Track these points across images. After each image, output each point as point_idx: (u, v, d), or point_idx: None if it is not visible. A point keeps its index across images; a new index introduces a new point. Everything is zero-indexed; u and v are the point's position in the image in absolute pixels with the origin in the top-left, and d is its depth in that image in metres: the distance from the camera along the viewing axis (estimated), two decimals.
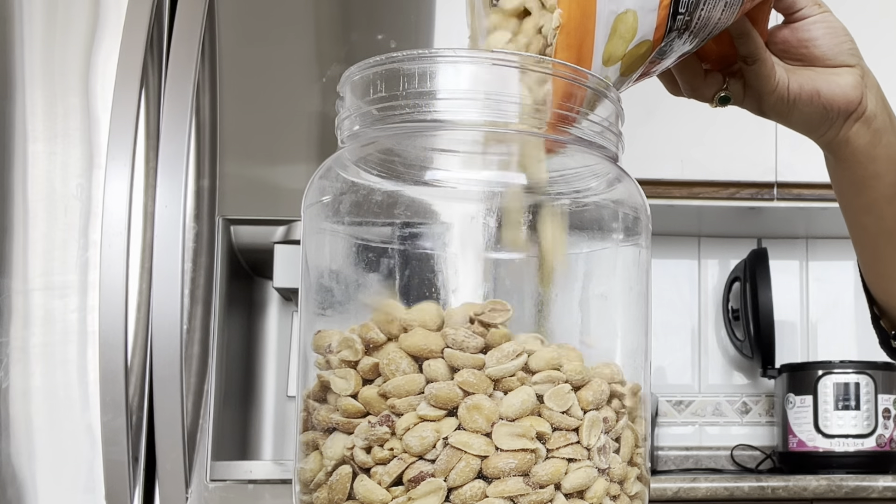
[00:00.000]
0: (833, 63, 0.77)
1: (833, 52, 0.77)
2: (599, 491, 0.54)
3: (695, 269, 2.89)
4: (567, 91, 0.57)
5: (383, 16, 1.76)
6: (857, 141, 0.79)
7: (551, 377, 0.53)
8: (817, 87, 0.77)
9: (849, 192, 0.83)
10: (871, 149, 0.79)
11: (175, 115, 1.60)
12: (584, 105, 0.58)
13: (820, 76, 0.77)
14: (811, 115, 0.78)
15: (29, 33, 1.66)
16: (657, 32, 0.65)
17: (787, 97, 0.76)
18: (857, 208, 0.84)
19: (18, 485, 1.59)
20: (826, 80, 0.77)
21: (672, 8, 0.65)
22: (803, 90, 0.76)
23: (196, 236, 1.66)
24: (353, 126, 0.58)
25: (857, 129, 0.78)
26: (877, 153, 0.79)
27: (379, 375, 0.54)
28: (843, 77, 0.77)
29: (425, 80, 0.56)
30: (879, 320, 0.91)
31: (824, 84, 0.77)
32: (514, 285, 0.58)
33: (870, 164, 0.80)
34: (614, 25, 0.61)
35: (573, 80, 0.57)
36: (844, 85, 0.77)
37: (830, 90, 0.77)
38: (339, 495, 0.54)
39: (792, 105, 0.77)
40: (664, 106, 2.53)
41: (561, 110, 0.56)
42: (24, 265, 1.62)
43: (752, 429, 2.84)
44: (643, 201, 0.61)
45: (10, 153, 1.64)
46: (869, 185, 0.81)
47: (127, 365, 1.55)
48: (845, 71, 0.77)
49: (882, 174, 0.80)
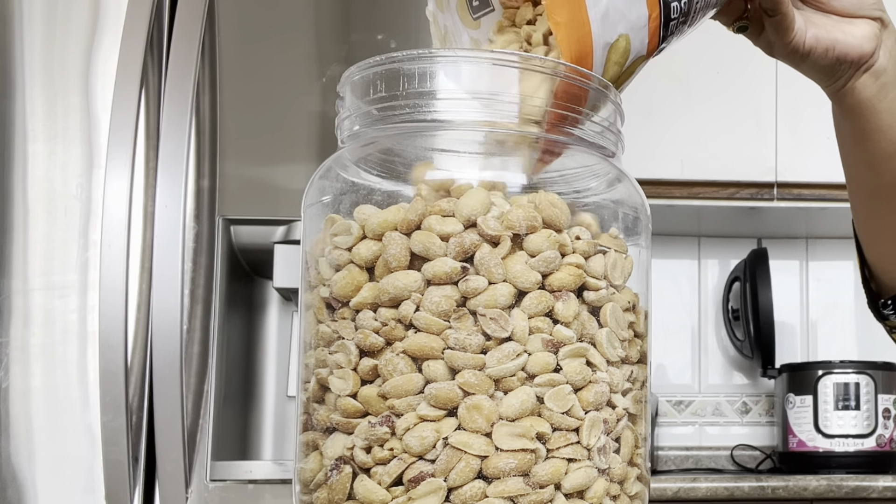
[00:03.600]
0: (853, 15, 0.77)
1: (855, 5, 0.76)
2: (599, 491, 0.54)
3: (695, 269, 2.89)
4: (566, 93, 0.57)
5: (383, 16, 1.76)
6: (863, 92, 0.78)
7: (552, 380, 0.53)
8: (833, 40, 0.76)
9: (849, 143, 0.83)
10: (876, 102, 0.79)
11: (175, 115, 1.60)
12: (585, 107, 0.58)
13: (837, 26, 0.76)
14: (822, 67, 0.77)
15: (29, 33, 1.66)
16: (650, 46, 0.65)
17: (802, 49, 0.76)
18: (855, 160, 0.84)
19: (18, 485, 1.59)
20: (842, 31, 0.76)
21: (662, 19, 0.65)
22: (819, 43, 0.76)
23: (196, 236, 1.66)
24: (353, 126, 0.59)
25: (864, 80, 0.78)
26: (881, 107, 0.79)
27: (378, 376, 0.54)
28: (861, 28, 0.77)
29: (425, 80, 0.56)
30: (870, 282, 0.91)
31: (840, 35, 0.76)
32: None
33: (872, 116, 0.79)
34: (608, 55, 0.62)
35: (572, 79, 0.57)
36: (860, 37, 0.76)
37: (846, 42, 0.76)
38: (339, 495, 0.54)
39: (805, 56, 0.76)
40: (664, 106, 2.53)
41: (560, 111, 0.57)
42: (24, 265, 1.62)
43: (752, 429, 2.84)
44: (643, 201, 0.61)
45: (10, 153, 1.64)
46: (870, 137, 0.81)
47: (127, 365, 1.55)
48: (863, 22, 0.77)
49: (884, 129, 0.80)
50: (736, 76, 2.53)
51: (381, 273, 0.54)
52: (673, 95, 2.53)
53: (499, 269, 0.53)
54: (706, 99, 2.54)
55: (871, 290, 0.91)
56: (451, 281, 0.53)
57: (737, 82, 2.53)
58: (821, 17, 0.77)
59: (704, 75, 2.53)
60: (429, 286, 0.53)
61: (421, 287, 0.53)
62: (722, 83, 2.54)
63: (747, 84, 2.54)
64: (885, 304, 0.89)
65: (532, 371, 0.53)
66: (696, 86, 2.54)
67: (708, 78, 2.54)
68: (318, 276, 0.57)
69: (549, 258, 0.54)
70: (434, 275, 0.53)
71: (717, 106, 2.54)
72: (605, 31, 0.61)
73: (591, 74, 0.59)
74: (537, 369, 0.53)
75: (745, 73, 2.53)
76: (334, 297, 0.55)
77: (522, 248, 0.54)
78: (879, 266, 0.89)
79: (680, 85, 2.53)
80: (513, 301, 0.53)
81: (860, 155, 0.83)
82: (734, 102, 2.54)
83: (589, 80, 0.58)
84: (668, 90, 2.53)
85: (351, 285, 0.55)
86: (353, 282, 0.55)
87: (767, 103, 2.54)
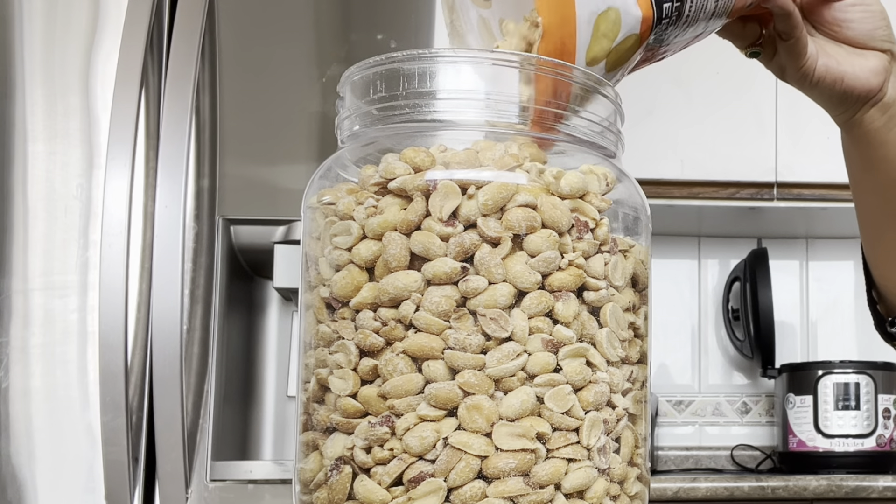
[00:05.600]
0: (864, 46, 0.78)
1: (866, 37, 0.77)
2: (599, 491, 0.54)
3: (695, 269, 2.89)
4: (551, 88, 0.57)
5: (383, 16, 1.76)
6: (871, 124, 0.79)
7: (552, 380, 0.53)
8: (842, 73, 0.77)
9: (857, 170, 0.84)
10: (884, 133, 0.80)
11: (175, 115, 1.60)
12: (573, 102, 0.58)
13: (846, 58, 0.77)
14: (830, 97, 0.78)
15: (29, 33, 1.66)
16: (643, 25, 0.64)
17: (812, 77, 0.77)
18: (863, 187, 0.85)
19: (18, 485, 1.59)
20: (851, 64, 0.77)
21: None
22: (828, 73, 0.76)
23: (196, 236, 1.66)
24: (353, 126, 0.59)
25: (871, 114, 0.79)
26: (888, 138, 0.80)
27: (378, 376, 0.54)
28: (870, 61, 0.77)
29: (425, 80, 0.56)
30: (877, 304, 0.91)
31: (849, 68, 0.77)
32: None
33: (880, 147, 0.80)
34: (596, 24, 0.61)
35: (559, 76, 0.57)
36: (868, 70, 0.77)
37: (854, 76, 0.77)
38: (339, 495, 0.54)
39: (814, 84, 0.77)
40: (664, 106, 2.53)
41: (547, 108, 0.56)
42: (24, 265, 1.62)
43: (752, 429, 2.84)
44: (643, 201, 0.61)
45: (10, 153, 1.64)
46: (877, 166, 0.81)
47: (127, 365, 1.55)
48: (873, 55, 0.78)
49: (891, 158, 0.80)
50: (736, 76, 2.53)
51: (381, 273, 0.54)
52: (673, 95, 2.53)
53: (499, 269, 0.53)
54: (706, 99, 2.54)
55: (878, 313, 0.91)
56: (451, 281, 0.53)
57: (737, 82, 2.53)
58: (833, 46, 0.78)
59: (704, 75, 2.53)
60: (429, 286, 0.53)
61: (421, 287, 0.53)
62: (722, 83, 2.54)
63: (747, 84, 2.54)
64: (893, 322, 0.90)
65: (532, 371, 0.53)
66: (697, 86, 2.54)
67: (708, 78, 2.54)
68: (318, 276, 0.57)
69: (549, 258, 0.54)
70: (434, 275, 0.53)
71: (717, 106, 2.54)
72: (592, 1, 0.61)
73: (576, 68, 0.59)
74: (537, 369, 0.53)
75: (745, 73, 2.53)
76: (334, 297, 0.55)
77: (522, 248, 0.54)
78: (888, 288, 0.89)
79: (680, 85, 2.53)
80: (513, 301, 0.53)
81: (869, 183, 0.83)
82: (734, 102, 2.54)
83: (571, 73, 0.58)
84: (668, 90, 2.53)
85: (351, 285, 0.55)
86: (353, 282, 0.55)
87: (767, 103, 2.54)
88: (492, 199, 0.53)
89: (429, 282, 0.53)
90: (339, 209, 0.56)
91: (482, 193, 0.53)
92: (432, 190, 0.54)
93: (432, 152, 0.55)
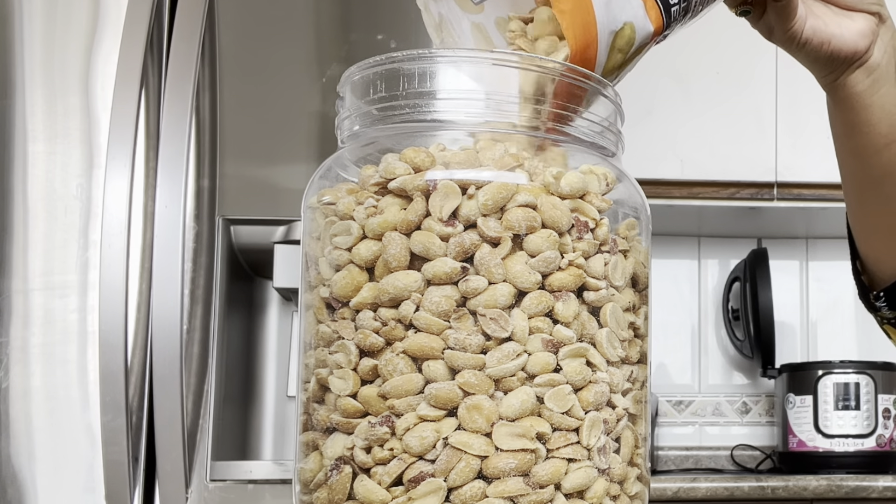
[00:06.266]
0: (853, 7, 0.78)
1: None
2: (599, 491, 0.54)
3: (695, 269, 2.89)
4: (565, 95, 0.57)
5: (383, 16, 1.76)
6: (854, 87, 0.79)
7: (552, 380, 0.53)
8: (829, 35, 0.77)
9: (841, 134, 0.84)
10: (867, 96, 0.80)
11: (175, 115, 1.60)
12: (583, 105, 0.58)
13: (834, 20, 0.77)
14: (816, 59, 0.78)
15: (29, 33, 1.66)
16: (654, 35, 0.65)
17: (799, 38, 0.77)
18: (846, 151, 0.85)
19: (18, 485, 1.59)
20: (839, 26, 0.77)
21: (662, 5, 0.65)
22: (815, 35, 0.76)
23: (196, 236, 1.66)
24: (353, 126, 0.59)
25: (856, 76, 0.79)
26: (872, 101, 0.80)
27: (378, 376, 0.54)
28: (857, 23, 0.77)
29: (425, 80, 0.56)
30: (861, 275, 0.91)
31: (836, 30, 0.77)
32: None
33: (863, 110, 0.80)
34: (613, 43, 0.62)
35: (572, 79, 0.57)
36: (856, 32, 0.77)
37: (841, 38, 0.77)
38: (339, 495, 0.54)
39: (801, 45, 0.77)
40: (664, 106, 2.53)
41: (560, 110, 0.57)
42: (24, 265, 1.62)
43: (752, 429, 2.84)
44: (643, 201, 0.61)
45: (10, 153, 1.64)
46: (860, 130, 0.81)
47: (127, 365, 1.55)
48: (861, 17, 0.78)
49: (874, 122, 0.81)
50: (736, 76, 2.53)
51: (381, 273, 0.54)
52: (673, 95, 2.53)
53: (499, 269, 0.53)
54: (706, 99, 2.54)
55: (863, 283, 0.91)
56: (451, 281, 0.53)
57: (737, 82, 2.53)
58: (822, 7, 0.77)
59: (704, 75, 2.53)
60: (429, 286, 0.53)
61: (421, 287, 0.53)
62: (722, 83, 2.54)
63: (747, 84, 2.54)
64: (877, 296, 0.90)
65: (532, 371, 0.53)
66: (696, 86, 2.54)
67: (708, 78, 2.54)
68: (318, 276, 0.57)
69: (549, 258, 0.54)
70: (434, 275, 0.53)
71: (717, 106, 2.54)
72: (610, 19, 0.61)
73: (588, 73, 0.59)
74: (537, 369, 0.53)
75: (745, 73, 2.53)
76: (334, 297, 0.55)
77: (522, 248, 0.54)
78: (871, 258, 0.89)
79: (680, 85, 2.53)
80: (513, 301, 0.53)
81: (851, 146, 0.83)
82: (734, 102, 2.54)
83: (588, 79, 0.58)
84: (668, 90, 2.52)
85: (351, 285, 0.55)
86: (353, 282, 0.55)
87: (767, 103, 2.54)
88: (492, 199, 0.53)
89: (429, 282, 0.53)
90: (339, 209, 0.56)
91: (482, 193, 0.53)
92: (432, 190, 0.54)
93: (432, 152, 0.55)
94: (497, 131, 0.56)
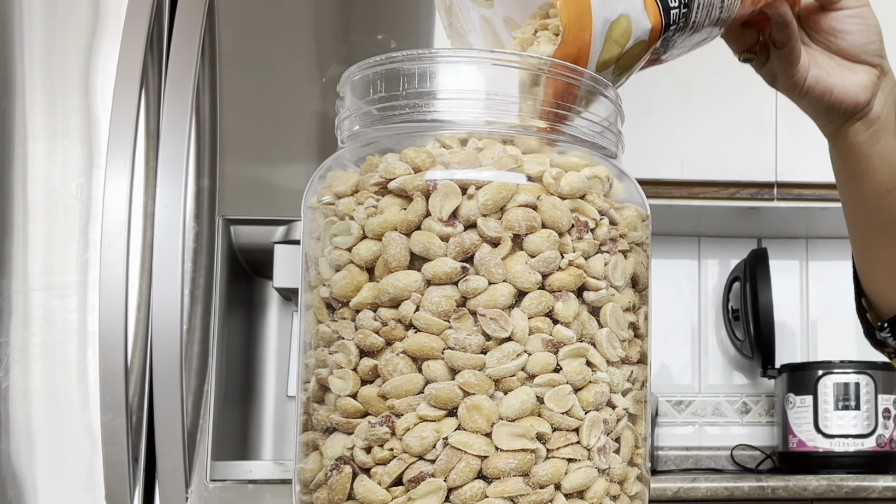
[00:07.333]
0: (855, 59, 0.78)
1: (858, 49, 0.78)
2: (599, 491, 0.54)
3: (695, 269, 2.89)
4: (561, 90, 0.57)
5: (383, 16, 1.75)
6: (855, 137, 0.80)
7: (552, 380, 0.53)
8: (831, 85, 0.78)
9: (843, 180, 0.85)
10: (868, 146, 0.81)
11: (175, 115, 1.60)
12: (579, 103, 0.58)
13: (837, 71, 0.78)
14: (818, 107, 0.79)
15: (29, 33, 1.66)
16: (652, 33, 0.65)
17: (802, 86, 0.78)
18: (850, 196, 0.86)
19: (18, 485, 1.59)
20: (841, 77, 0.78)
21: (661, 5, 0.65)
22: (818, 85, 0.78)
23: (196, 236, 1.66)
24: (353, 126, 0.58)
25: (856, 127, 0.80)
26: (872, 151, 0.81)
27: (378, 376, 0.54)
28: (859, 75, 0.78)
29: (425, 80, 0.56)
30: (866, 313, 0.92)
31: (838, 81, 0.78)
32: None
33: (863, 159, 0.82)
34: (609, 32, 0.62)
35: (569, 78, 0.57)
36: (857, 84, 0.78)
37: (842, 89, 0.78)
38: (339, 495, 0.54)
39: (803, 94, 0.78)
40: (664, 106, 2.53)
41: (556, 109, 0.57)
42: (24, 265, 1.62)
43: (752, 429, 2.84)
44: (643, 201, 0.61)
45: (10, 153, 1.64)
46: (861, 177, 0.83)
47: (127, 365, 1.55)
48: (862, 69, 0.78)
49: (875, 170, 0.82)
50: (736, 76, 2.53)
51: (381, 273, 0.54)
52: (673, 95, 2.53)
53: (499, 269, 0.53)
54: (706, 99, 2.54)
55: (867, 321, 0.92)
56: (451, 281, 0.53)
57: (737, 82, 2.53)
58: (825, 58, 0.79)
59: (705, 75, 2.53)
60: (429, 286, 0.53)
61: (421, 287, 0.53)
62: (722, 83, 2.54)
63: (747, 84, 2.53)
64: (882, 326, 0.90)
65: (532, 371, 0.53)
66: (697, 86, 2.54)
67: (708, 78, 2.54)
68: (318, 276, 0.57)
69: (549, 258, 0.54)
70: (434, 275, 0.53)
71: (717, 106, 2.54)
72: (605, 7, 0.61)
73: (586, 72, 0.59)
74: (537, 369, 0.53)
75: (745, 73, 2.51)
76: (334, 297, 0.55)
77: (522, 248, 0.54)
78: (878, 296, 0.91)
79: (680, 85, 2.53)
80: (513, 301, 0.53)
81: (853, 192, 0.85)
82: (734, 102, 2.54)
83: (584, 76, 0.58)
84: (669, 90, 2.52)
85: (351, 285, 0.55)
86: (353, 282, 0.55)
87: (767, 103, 2.54)
88: (492, 199, 0.53)
89: (429, 282, 0.53)
90: (339, 209, 0.56)
91: (482, 193, 0.53)
92: (432, 190, 0.53)
93: (432, 152, 0.55)
94: (497, 131, 0.56)
